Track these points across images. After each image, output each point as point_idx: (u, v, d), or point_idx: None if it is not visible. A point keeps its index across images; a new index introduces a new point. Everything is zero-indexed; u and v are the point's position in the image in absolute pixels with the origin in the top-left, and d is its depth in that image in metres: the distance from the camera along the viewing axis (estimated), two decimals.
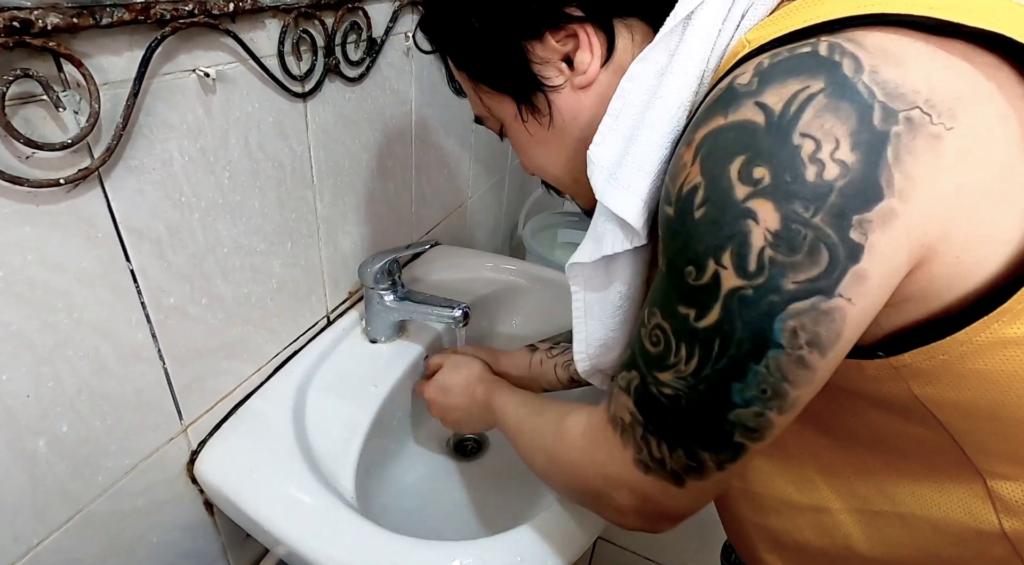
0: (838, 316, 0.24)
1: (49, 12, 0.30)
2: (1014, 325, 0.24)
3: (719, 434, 0.27)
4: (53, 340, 0.37)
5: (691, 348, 0.27)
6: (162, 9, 0.35)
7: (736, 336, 0.25)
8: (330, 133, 0.56)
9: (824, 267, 0.23)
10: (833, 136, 0.22)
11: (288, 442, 0.52)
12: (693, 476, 0.29)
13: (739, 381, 0.26)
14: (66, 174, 0.34)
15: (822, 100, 0.22)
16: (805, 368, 0.25)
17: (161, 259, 0.42)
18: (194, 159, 0.42)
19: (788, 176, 0.22)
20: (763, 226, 0.23)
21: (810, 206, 0.22)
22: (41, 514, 0.39)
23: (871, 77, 0.22)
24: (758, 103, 0.23)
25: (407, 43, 0.63)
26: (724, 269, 0.24)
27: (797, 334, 0.24)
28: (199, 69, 0.40)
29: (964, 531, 0.30)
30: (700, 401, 0.27)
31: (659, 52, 0.30)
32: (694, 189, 0.25)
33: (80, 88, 0.33)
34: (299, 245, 0.56)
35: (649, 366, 0.29)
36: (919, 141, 0.22)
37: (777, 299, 0.24)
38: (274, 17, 0.45)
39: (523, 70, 0.35)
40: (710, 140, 0.25)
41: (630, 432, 0.31)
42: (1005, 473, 0.28)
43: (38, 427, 0.37)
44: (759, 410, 0.26)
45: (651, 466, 0.30)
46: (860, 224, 0.22)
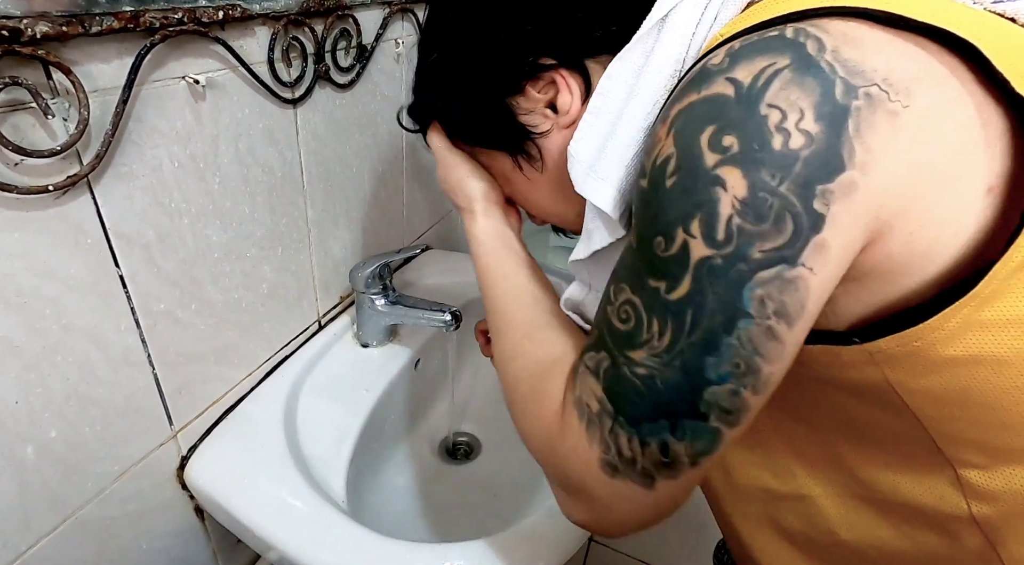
0: (801, 285, 0.24)
1: (38, 21, 0.30)
2: (983, 310, 0.24)
3: (695, 417, 0.26)
4: (42, 346, 0.37)
5: (663, 322, 0.26)
6: (151, 17, 0.36)
7: (708, 306, 0.25)
8: (321, 139, 0.56)
9: (789, 236, 0.23)
10: (798, 107, 0.23)
11: (279, 447, 0.52)
12: (665, 474, 0.28)
13: (712, 355, 0.25)
14: (55, 181, 0.34)
15: (787, 74, 0.23)
16: (775, 340, 0.25)
17: (151, 265, 0.42)
18: (184, 165, 0.43)
19: (756, 144, 0.23)
20: (731, 193, 0.24)
21: (776, 174, 0.23)
22: (30, 520, 0.39)
23: (833, 55, 0.24)
24: (729, 78, 0.24)
25: (398, 49, 0.64)
26: (693, 238, 0.25)
27: (764, 303, 0.24)
28: (189, 76, 0.41)
29: (937, 516, 0.31)
30: (675, 378, 0.26)
31: (636, 52, 0.31)
32: (667, 160, 0.25)
33: (69, 95, 0.33)
34: (290, 250, 0.57)
35: (620, 345, 0.28)
36: (878, 116, 0.23)
37: (745, 268, 0.24)
38: (264, 24, 0.46)
39: (511, 124, 0.37)
40: (683, 114, 0.25)
41: (596, 425, 0.29)
42: (974, 462, 0.29)
43: (27, 433, 0.37)
44: (734, 387, 0.26)
45: (619, 467, 0.29)
46: (823, 194, 0.23)
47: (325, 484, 0.51)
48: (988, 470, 0.29)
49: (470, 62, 0.37)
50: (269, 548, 0.47)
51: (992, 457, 0.28)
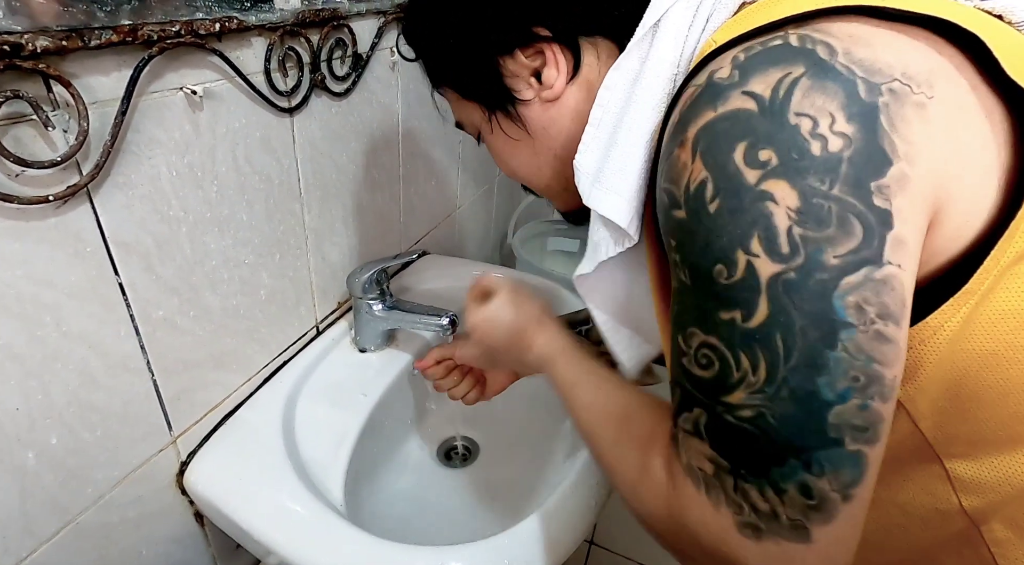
0: (896, 283, 0.23)
1: (39, 35, 0.31)
2: (981, 306, 0.24)
3: (828, 445, 0.23)
4: (42, 353, 0.37)
5: (753, 354, 0.24)
6: (149, 30, 0.36)
7: (796, 324, 0.23)
8: (317, 146, 0.57)
9: (861, 237, 0.22)
10: (827, 111, 0.23)
11: (278, 452, 0.52)
12: (818, 520, 0.24)
13: (822, 374, 0.23)
14: (55, 191, 0.35)
15: (806, 82, 0.23)
16: (886, 341, 0.23)
17: (149, 272, 0.43)
18: (182, 174, 0.43)
19: (795, 153, 0.22)
20: (784, 205, 0.23)
21: (825, 178, 0.22)
22: (30, 526, 0.40)
23: (846, 57, 0.23)
24: (746, 92, 0.24)
25: (393, 58, 0.65)
26: (756, 257, 0.23)
27: (863, 309, 0.23)
28: (186, 87, 0.41)
29: (927, 512, 0.31)
30: (789, 411, 0.23)
31: (631, 60, 0.32)
32: (702, 184, 0.24)
33: (69, 107, 0.34)
34: (287, 256, 0.57)
35: (711, 394, 0.25)
36: (907, 109, 0.23)
37: (825, 276, 0.22)
38: (260, 35, 0.46)
39: (495, 82, 0.37)
40: (705, 134, 0.24)
41: (718, 487, 0.26)
42: (961, 453, 0.29)
43: (27, 439, 0.38)
44: (860, 401, 0.23)
45: (762, 527, 0.25)
46: (880, 190, 0.22)
47: (324, 488, 0.51)
48: (976, 460, 0.29)
49: (466, 13, 0.36)
50: (268, 552, 0.47)
51: (979, 447, 0.29)
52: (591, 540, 1.13)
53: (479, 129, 0.42)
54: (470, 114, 0.41)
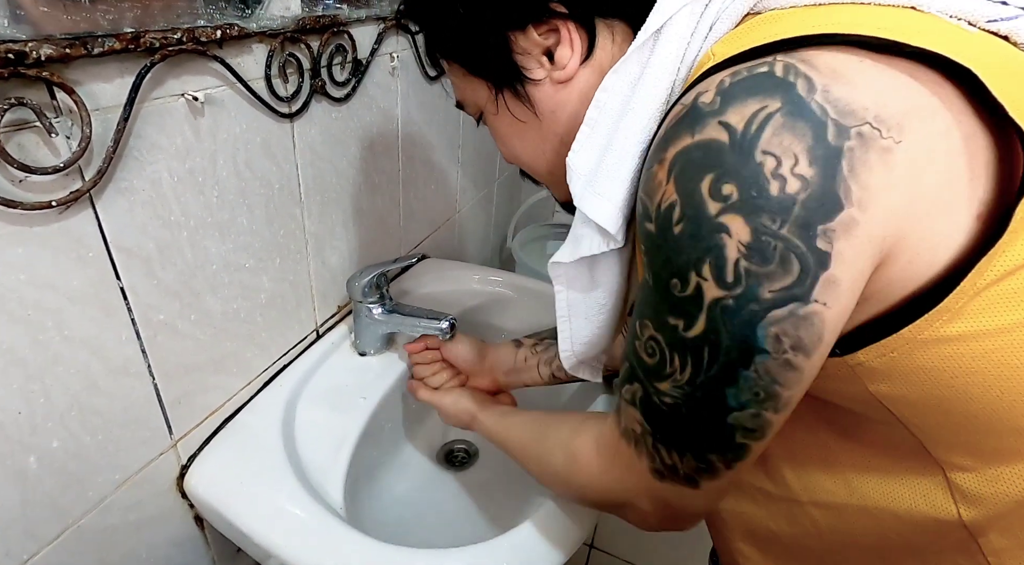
0: (816, 320, 0.25)
1: (43, 44, 0.31)
2: (953, 323, 0.25)
3: (721, 437, 0.29)
4: (44, 357, 0.37)
5: (684, 357, 0.28)
6: (151, 38, 0.37)
7: (723, 344, 0.26)
8: (317, 151, 0.57)
9: (796, 275, 0.24)
10: (792, 152, 0.24)
11: (278, 455, 0.52)
12: (706, 477, 0.31)
13: (732, 386, 0.27)
14: (58, 196, 0.35)
15: (779, 119, 0.24)
16: (793, 370, 0.26)
17: (151, 277, 0.43)
18: (183, 179, 0.44)
19: (754, 191, 0.24)
20: (736, 239, 0.25)
21: (776, 218, 0.24)
22: (32, 530, 0.40)
23: (823, 96, 0.24)
24: (721, 122, 0.25)
25: (393, 63, 0.65)
26: (705, 281, 0.26)
27: (780, 340, 0.25)
28: (188, 93, 0.42)
29: (926, 521, 0.31)
30: (698, 408, 0.28)
31: (632, 64, 0.32)
32: (671, 206, 0.26)
33: (72, 114, 0.34)
34: (288, 261, 0.58)
35: (648, 377, 0.30)
36: (871, 154, 0.24)
37: (757, 308, 0.25)
38: (261, 42, 0.47)
39: (504, 58, 0.36)
40: (680, 158, 0.26)
41: (643, 442, 0.32)
42: (962, 464, 0.30)
43: (29, 443, 0.38)
44: (755, 411, 0.27)
45: (665, 473, 0.32)
46: (824, 233, 0.24)
47: (323, 491, 0.51)
48: (977, 472, 0.29)
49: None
50: (268, 556, 0.47)
51: (980, 459, 0.29)
52: (591, 543, 1.13)
53: (482, 109, 0.40)
54: (474, 92, 0.39)
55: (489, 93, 0.38)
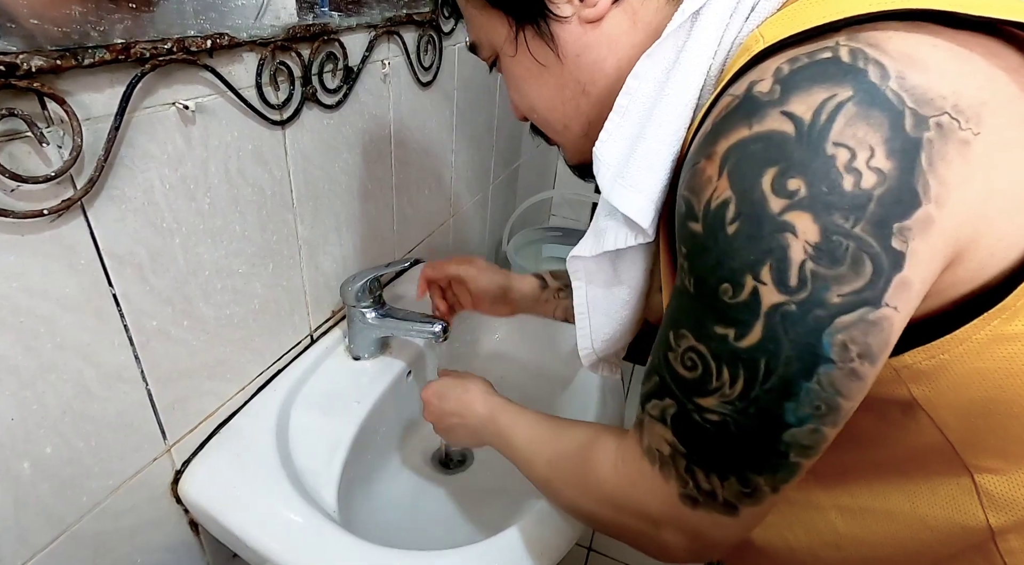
0: (886, 325, 0.23)
1: (34, 55, 0.32)
2: (1013, 322, 0.24)
3: (774, 457, 0.26)
4: (37, 364, 0.38)
5: (735, 370, 0.25)
6: (142, 48, 0.38)
7: (783, 354, 0.24)
8: (309, 158, 0.58)
9: (869, 277, 0.22)
10: (867, 144, 0.22)
11: (272, 460, 0.53)
12: (748, 503, 0.28)
13: (791, 400, 0.25)
14: (50, 205, 0.35)
15: (852, 108, 0.22)
16: (857, 379, 0.24)
17: (143, 283, 0.44)
18: (175, 187, 0.44)
19: (825, 187, 0.22)
20: (803, 239, 0.22)
21: (850, 216, 0.22)
22: (24, 536, 0.40)
23: (899, 83, 0.22)
24: (785, 112, 0.23)
25: (384, 70, 0.66)
26: (763, 285, 0.23)
27: (847, 347, 0.23)
28: (179, 102, 0.42)
29: (951, 526, 0.30)
30: (751, 425, 0.26)
31: (667, 49, 0.29)
32: (724, 204, 0.24)
33: (63, 124, 0.35)
34: (281, 266, 0.58)
35: (687, 392, 0.28)
36: (950, 146, 0.22)
37: (823, 313, 0.23)
38: (251, 51, 0.47)
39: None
40: (736, 152, 0.24)
41: (671, 465, 0.29)
42: (992, 467, 0.28)
43: (22, 450, 0.38)
44: (814, 427, 0.25)
45: (700, 500, 0.29)
46: (901, 232, 0.22)
47: (318, 495, 0.52)
48: (1006, 475, 0.28)
49: None
50: (263, 561, 0.47)
51: (1011, 462, 0.28)
52: (589, 546, 1.13)
53: (498, 51, 0.36)
54: (491, 30, 0.36)
55: (508, 31, 0.34)
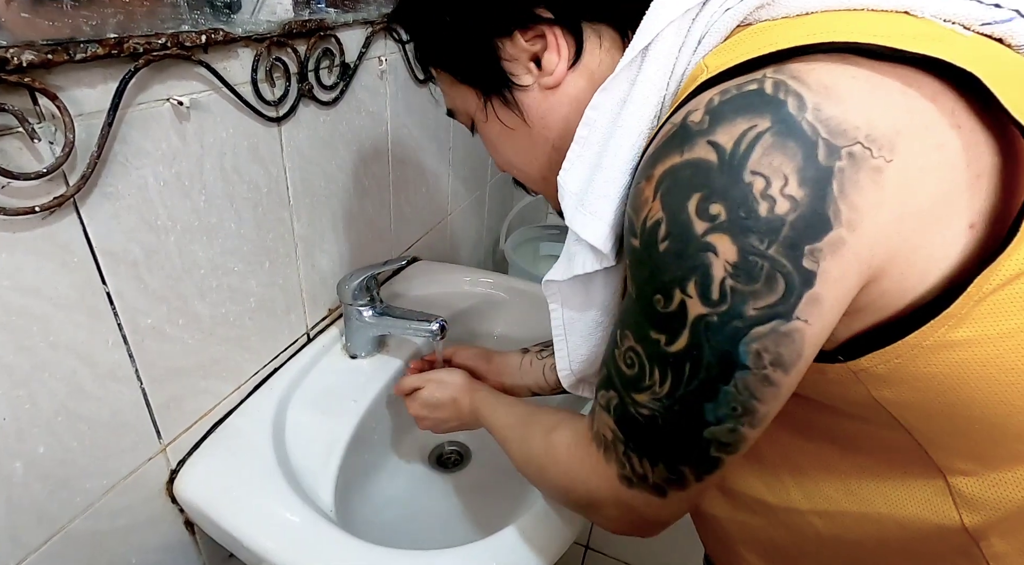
0: (797, 337, 0.25)
1: (24, 50, 0.31)
2: (958, 329, 0.25)
3: (696, 450, 0.29)
4: (29, 363, 0.37)
5: (664, 371, 0.28)
6: (135, 43, 0.37)
7: (705, 360, 0.27)
8: (305, 155, 0.57)
9: (781, 294, 0.25)
10: (782, 173, 0.23)
11: (268, 459, 0.52)
12: (674, 487, 0.31)
13: (711, 401, 0.27)
14: (41, 202, 0.35)
15: (769, 138, 0.24)
16: (771, 385, 0.27)
17: (137, 281, 0.43)
18: (169, 184, 0.44)
19: (742, 212, 0.24)
20: (723, 258, 0.25)
21: (764, 239, 0.24)
22: (17, 536, 0.40)
23: (814, 114, 0.24)
24: (710, 141, 0.25)
25: (381, 67, 0.66)
26: (690, 298, 0.26)
27: (761, 355, 0.26)
28: (173, 98, 0.42)
29: (927, 527, 0.31)
30: (676, 421, 0.29)
31: (621, 82, 0.31)
32: (657, 223, 0.26)
33: (55, 120, 0.34)
34: (277, 264, 0.58)
35: (626, 387, 0.31)
36: (862, 174, 0.23)
37: (740, 324, 0.25)
38: (247, 46, 0.47)
39: (492, 65, 0.36)
40: (668, 177, 0.26)
41: (612, 449, 0.33)
42: (964, 469, 0.29)
43: (15, 450, 0.38)
44: (732, 426, 0.28)
45: (634, 481, 0.32)
46: (812, 253, 0.24)
47: (314, 495, 0.51)
48: (978, 477, 0.29)
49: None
50: (259, 560, 0.47)
51: (982, 464, 0.29)
52: (586, 544, 1.13)
53: (473, 116, 0.40)
54: (464, 100, 0.40)
55: (478, 100, 0.38)
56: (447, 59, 0.39)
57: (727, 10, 0.29)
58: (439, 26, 0.37)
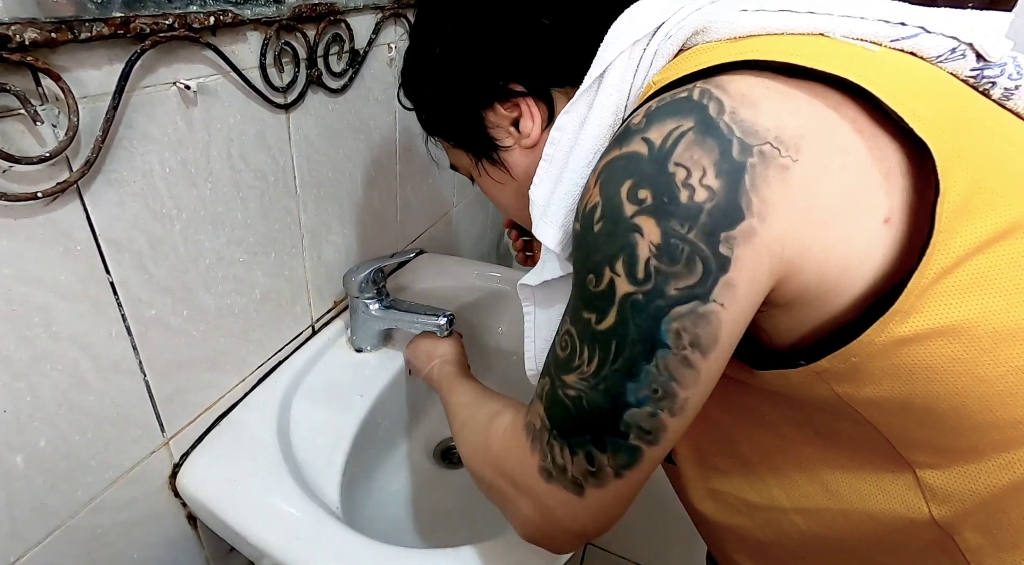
0: (713, 319, 0.27)
1: (27, 27, 0.30)
2: (905, 324, 0.26)
3: (615, 435, 0.30)
4: (30, 355, 0.36)
5: (592, 350, 0.29)
6: (142, 23, 0.36)
7: (630, 337, 0.28)
8: (313, 144, 0.56)
9: (700, 276, 0.26)
10: (701, 165, 0.26)
11: (272, 453, 0.51)
12: (592, 483, 0.31)
13: (633, 381, 0.28)
14: (44, 188, 0.34)
15: (691, 136, 0.27)
16: (690, 368, 0.28)
17: (142, 271, 0.42)
18: (175, 171, 0.42)
19: (666, 198, 0.26)
20: (648, 239, 0.27)
21: (684, 223, 0.26)
22: (18, 531, 0.39)
23: (731, 117, 0.27)
24: (644, 138, 0.28)
25: (390, 54, 0.64)
26: (618, 276, 0.28)
27: (680, 335, 0.27)
28: (180, 82, 0.40)
29: (899, 521, 0.32)
30: (599, 400, 0.30)
31: (580, 105, 0.35)
32: (594, 207, 0.29)
33: (59, 102, 0.33)
34: (283, 255, 0.56)
35: (558, 369, 0.32)
36: (771, 170, 0.26)
37: (662, 303, 0.27)
38: (256, 30, 0.45)
39: (479, 132, 0.41)
40: (608, 168, 0.29)
41: (538, 438, 0.33)
42: (930, 462, 0.30)
43: (15, 443, 0.37)
44: (652, 410, 0.29)
45: (553, 473, 0.32)
46: (727, 240, 0.26)
47: (319, 490, 0.51)
48: (944, 470, 0.30)
49: (450, 71, 0.40)
50: (263, 555, 0.46)
51: (946, 457, 0.30)
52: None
53: (470, 172, 0.46)
54: (461, 159, 0.45)
55: (471, 161, 0.44)
56: (444, 129, 0.44)
57: (669, 37, 0.33)
58: (436, 102, 0.43)
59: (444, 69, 0.40)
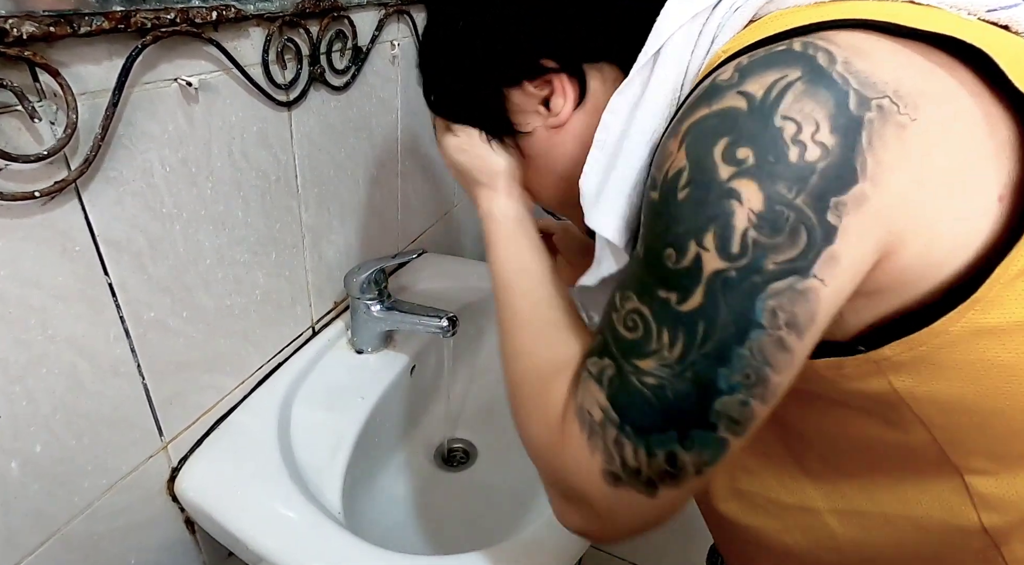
0: (812, 296, 0.24)
1: (24, 21, 0.29)
2: (987, 314, 0.24)
3: (704, 426, 0.26)
4: (27, 357, 0.35)
5: (674, 332, 0.26)
6: (143, 18, 0.35)
7: (720, 318, 0.25)
8: (315, 142, 0.55)
9: (802, 248, 0.23)
10: (813, 119, 0.23)
11: (272, 457, 0.51)
12: (668, 483, 0.28)
13: (725, 366, 0.25)
14: (41, 186, 0.33)
15: (800, 86, 0.23)
16: (785, 351, 0.25)
17: (141, 272, 0.41)
18: (175, 169, 0.41)
19: (772, 156, 0.23)
20: (747, 207, 0.23)
21: (793, 187, 0.23)
22: (13, 538, 0.38)
23: (844, 67, 0.23)
24: (740, 92, 0.24)
25: (393, 51, 0.63)
26: (706, 251, 0.24)
27: (776, 314, 0.24)
28: (181, 78, 0.40)
29: (945, 528, 0.30)
30: (687, 389, 0.26)
31: (634, 85, 0.32)
32: (679, 172, 0.25)
33: (57, 98, 0.32)
34: (283, 255, 0.56)
35: (626, 353, 0.28)
36: (888, 128, 0.23)
37: (759, 280, 0.24)
38: (258, 26, 0.45)
39: (499, 114, 0.38)
40: (695, 128, 0.25)
41: (599, 435, 0.29)
42: (982, 468, 0.29)
43: (10, 448, 0.36)
44: (743, 398, 0.26)
45: (623, 477, 0.28)
46: (836, 206, 0.23)
47: (320, 494, 0.50)
48: (997, 476, 0.28)
49: (475, 46, 0.37)
50: (261, 560, 0.46)
51: (1001, 463, 0.28)
52: None
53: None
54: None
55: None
56: (457, 108, 0.40)
57: (737, 9, 0.29)
58: (455, 78, 0.39)
59: (469, 44, 0.37)
